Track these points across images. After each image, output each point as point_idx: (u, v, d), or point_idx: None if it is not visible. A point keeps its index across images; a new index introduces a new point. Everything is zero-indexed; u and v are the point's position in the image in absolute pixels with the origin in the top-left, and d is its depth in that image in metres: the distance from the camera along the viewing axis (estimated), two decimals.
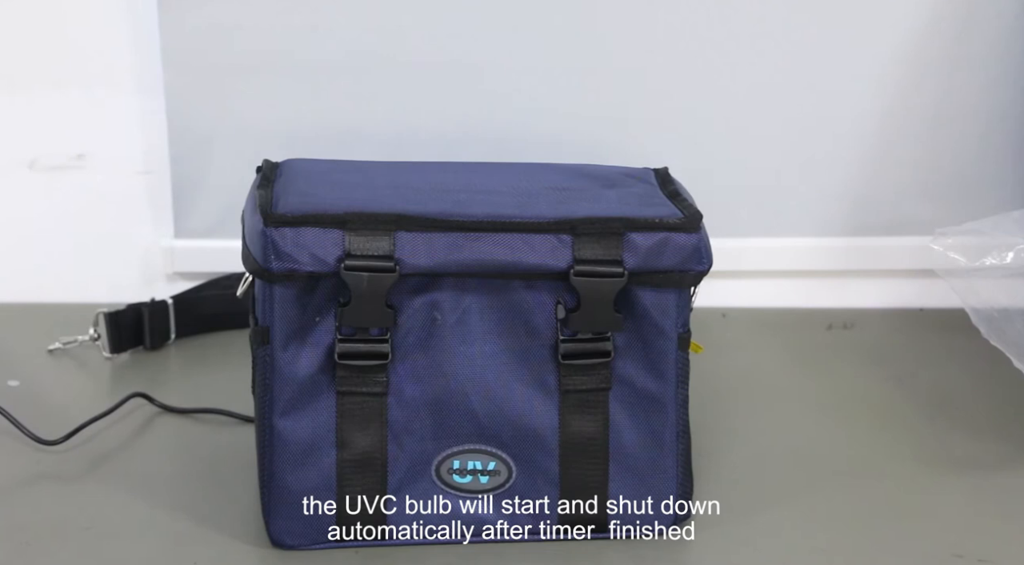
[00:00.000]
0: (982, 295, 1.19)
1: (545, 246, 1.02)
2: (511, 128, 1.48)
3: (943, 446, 1.25)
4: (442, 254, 1.02)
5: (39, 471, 1.18)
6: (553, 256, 1.02)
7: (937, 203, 1.51)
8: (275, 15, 1.46)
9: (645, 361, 1.05)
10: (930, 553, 1.08)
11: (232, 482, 1.15)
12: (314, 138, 1.45)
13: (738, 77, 1.48)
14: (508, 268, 1.03)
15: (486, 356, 1.04)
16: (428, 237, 1.02)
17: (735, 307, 1.51)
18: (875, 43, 1.48)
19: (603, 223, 1.03)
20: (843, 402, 1.34)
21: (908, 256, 1.53)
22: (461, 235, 1.02)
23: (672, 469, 1.08)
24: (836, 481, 1.19)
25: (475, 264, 1.02)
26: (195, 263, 1.52)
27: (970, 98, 1.50)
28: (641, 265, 1.03)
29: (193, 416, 1.27)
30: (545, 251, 1.02)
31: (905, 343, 1.47)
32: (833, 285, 1.55)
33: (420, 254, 1.02)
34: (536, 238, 1.02)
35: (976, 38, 1.47)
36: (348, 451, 1.05)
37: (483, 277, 1.03)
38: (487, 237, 1.02)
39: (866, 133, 1.51)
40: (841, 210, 1.54)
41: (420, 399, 1.05)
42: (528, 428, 1.05)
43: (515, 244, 1.02)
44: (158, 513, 1.11)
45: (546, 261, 1.02)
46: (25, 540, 1.07)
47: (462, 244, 1.02)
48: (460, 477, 1.06)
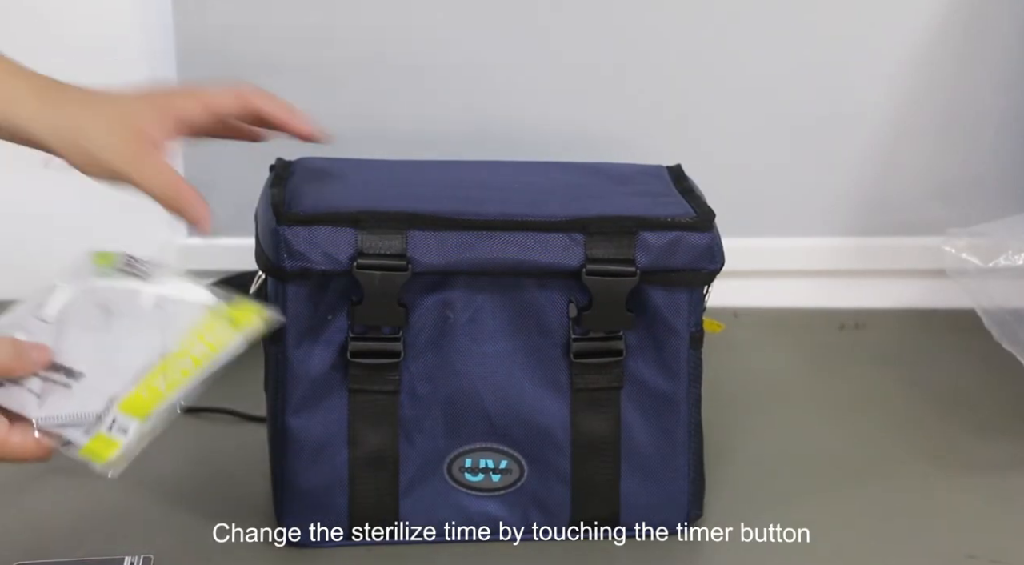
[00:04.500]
0: (995, 297, 1.19)
1: (557, 245, 1.03)
2: (523, 127, 1.48)
3: (956, 446, 1.25)
4: (454, 253, 1.02)
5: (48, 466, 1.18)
6: (565, 255, 1.03)
7: (950, 204, 1.51)
8: (288, 16, 1.46)
9: (657, 360, 1.06)
10: (943, 553, 1.08)
11: (242, 481, 1.15)
12: None
13: (750, 77, 1.48)
14: (520, 267, 1.03)
15: (498, 354, 1.04)
16: (440, 236, 1.02)
17: (747, 307, 1.51)
18: (888, 43, 1.48)
19: (616, 222, 1.03)
20: (855, 402, 1.34)
21: (920, 257, 1.52)
22: (473, 234, 1.02)
23: (684, 468, 1.08)
24: (848, 481, 1.19)
25: (487, 263, 1.02)
26: (208, 261, 1.52)
27: (983, 99, 1.50)
28: (653, 264, 1.03)
29: (201, 415, 1.27)
30: (557, 250, 1.02)
31: (917, 344, 1.47)
32: (845, 285, 1.55)
33: (432, 252, 1.02)
34: (548, 237, 1.03)
35: (989, 39, 1.47)
36: (360, 449, 1.05)
37: (495, 276, 1.03)
38: (499, 236, 1.02)
39: (879, 133, 1.51)
40: (853, 210, 1.53)
41: (432, 397, 1.05)
42: (540, 427, 1.06)
43: (527, 243, 1.02)
44: (170, 511, 1.12)
45: (558, 260, 1.02)
46: (34, 536, 1.08)
47: (474, 243, 1.02)
48: (472, 475, 1.07)
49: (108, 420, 0.88)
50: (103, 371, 0.89)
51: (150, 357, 0.90)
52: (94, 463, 0.88)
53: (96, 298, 0.92)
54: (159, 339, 0.91)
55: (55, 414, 0.88)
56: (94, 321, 0.91)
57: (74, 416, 0.88)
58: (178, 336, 0.91)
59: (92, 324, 0.91)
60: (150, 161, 0.94)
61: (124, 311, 0.92)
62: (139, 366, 0.90)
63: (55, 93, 0.95)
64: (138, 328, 0.91)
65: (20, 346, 0.88)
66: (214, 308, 0.93)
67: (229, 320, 0.93)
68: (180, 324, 0.92)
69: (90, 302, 0.92)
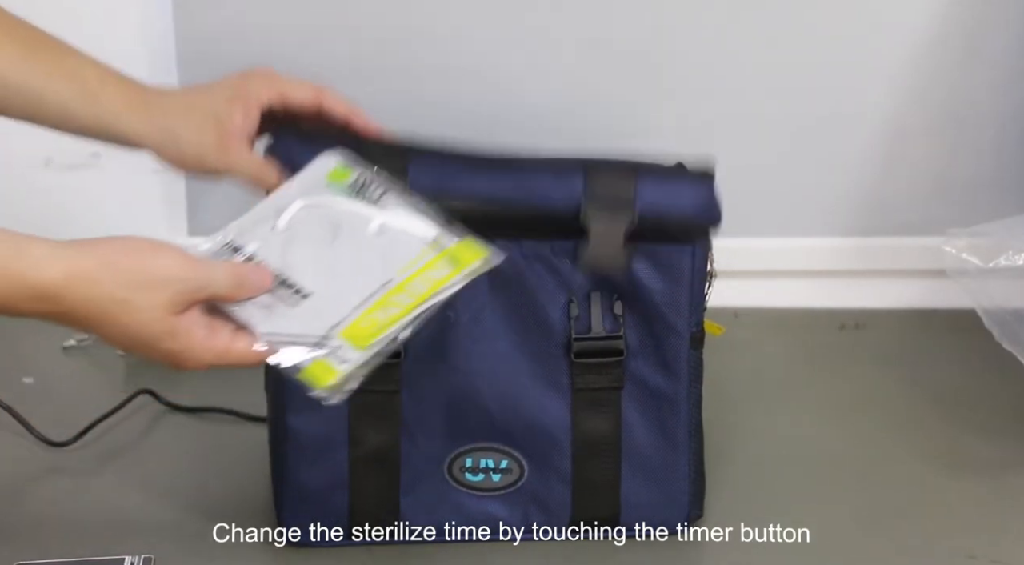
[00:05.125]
0: (995, 297, 1.19)
1: (556, 182, 1.02)
2: (522, 129, 1.47)
3: (956, 447, 1.25)
4: (449, 180, 1.01)
5: (49, 466, 1.19)
6: (564, 192, 1.02)
7: (950, 204, 1.51)
8: (289, 17, 1.46)
9: (658, 360, 1.06)
10: (943, 554, 1.08)
11: (242, 481, 1.15)
12: None
13: (750, 77, 1.48)
14: (516, 203, 1.02)
15: (499, 354, 1.04)
16: (438, 163, 1.02)
17: (747, 307, 1.51)
18: (888, 43, 1.48)
19: (616, 164, 1.03)
20: (855, 402, 1.34)
21: (921, 257, 1.52)
22: (471, 166, 1.02)
23: (684, 468, 1.08)
24: (848, 481, 1.19)
25: (482, 196, 1.02)
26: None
27: (984, 99, 1.49)
28: (651, 209, 1.02)
29: (201, 415, 1.27)
30: (555, 187, 1.02)
31: (917, 344, 1.47)
32: (845, 285, 1.55)
33: (426, 176, 1.01)
34: (547, 175, 1.02)
35: (989, 39, 1.47)
36: (361, 449, 1.05)
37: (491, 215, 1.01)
38: (498, 171, 1.02)
39: (879, 133, 1.51)
40: (854, 210, 1.53)
41: (433, 397, 1.05)
42: (541, 426, 1.06)
43: (525, 180, 1.02)
44: (170, 511, 1.12)
45: (556, 196, 1.02)
46: (34, 536, 1.08)
47: (471, 175, 1.02)
48: (473, 475, 1.07)
49: (330, 346, 0.90)
50: (328, 294, 0.91)
51: (372, 286, 0.92)
52: (311, 387, 0.90)
53: (325, 215, 0.94)
54: (381, 268, 0.93)
55: (279, 331, 0.90)
56: (321, 239, 0.93)
57: (297, 336, 0.90)
58: (400, 268, 0.93)
59: (319, 242, 0.93)
60: (237, 154, 1.02)
61: (350, 233, 0.94)
62: (362, 294, 0.92)
63: (148, 99, 1.03)
64: (361, 253, 0.93)
65: (241, 274, 0.90)
66: (437, 243, 0.94)
67: (451, 257, 0.94)
68: (402, 256, 0.93)
69: (319, 218, 0.94)
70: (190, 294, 0.86)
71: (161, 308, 0.85)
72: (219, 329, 0.88)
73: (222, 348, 0.88)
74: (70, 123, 1.02)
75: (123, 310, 0.84)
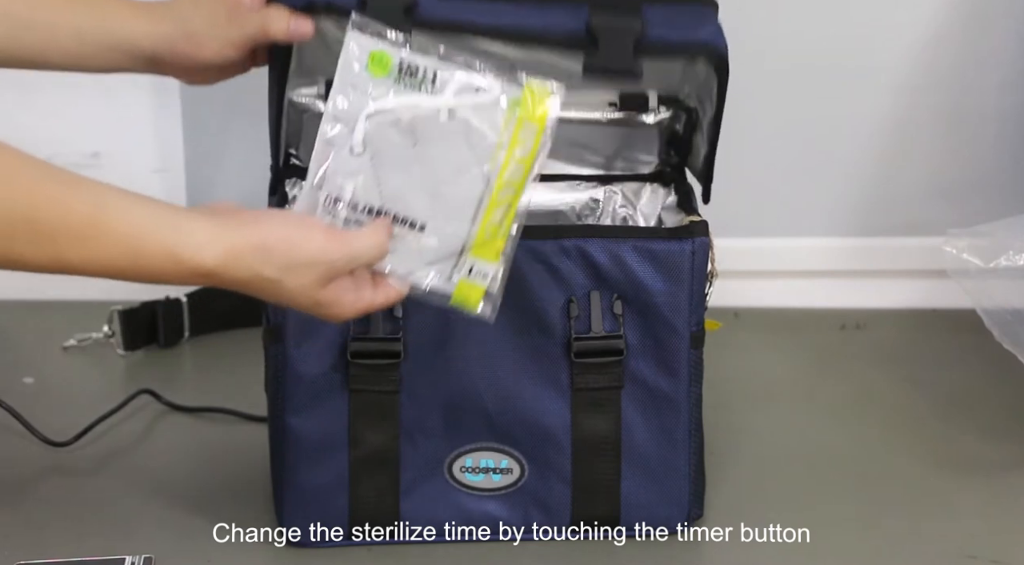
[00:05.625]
0: (995, 297, 1.19)
1: (562, 13, 1.02)
2: None
3: (956, 447, 1.25)
4: (459, 10, 1.01)
5: (49, 466, 1.19)
6: (569, 20, 1.02)
7: (951, 204, 1.51)
8: None
9: (658, 360, 1.06)
10: (943, 554, 1.08)
11: (242, 481, 1.15)
12: None
13: (750, 77, 1.48)
14: (524, 32, 1.02)
15: (499, 354, 1.04)
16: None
17: (747, 307, 1.51)
18: (888, 44, 1.48)
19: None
20: (855, 402, 1.34)
21: (921, 257, 1.52)
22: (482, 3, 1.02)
23: (684, 468, 1.08)
24: (848, 481, 1.19)
25: (490, 28, 1.01)
26: None
27: (984, 99, 1.50)
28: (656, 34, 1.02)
29: (201, 415, 1.27)
30: (562, 16, 1.02)
31: (918, 344, 1.47)
32: (846, 285, 1.55)
33: (438, 7, 1.01)
34: (553, 8, 1.03)
35: (989, 39, 1.47)
36: (361, 449, 1.05)
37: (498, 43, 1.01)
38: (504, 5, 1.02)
39: (880, 133, 1.51)
40: (854, 210, 1.53)
41: (433, 397, 1.05)
42: (541, 426, 1.06)
43: (531, 13, 1.02)
44: (170, 511, 1.12)
45: (563, 21, 1.02)
46: (34, 536, 1.08)
47: (480, 8, 1.02)
48: (473, 475, 1.07)
49: (465, 268, 0.93)
50: (441, 216, 0.93)
51: (475, 189, 0.93)
52: (468, 311, 0.94)
53: (393, 123, 0.93)
54: (474, 163, 0.92)
55: (413, 269, 0.94)
56: (402, 150, 0.93)
57: (430, 268, 0.93)
58: (490, 155, 0.92)
59: (402, 156, 0.93)
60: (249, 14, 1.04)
61: (425, 131, 0.93)
62: (470, 203, 0.93)
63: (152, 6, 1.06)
64: (447, 151, 0.93)
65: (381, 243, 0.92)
66: (510, 105, 0.92)
67: (527, 116, 0.92)
68: (485, 140, 0.92)
69: (389, 129, 0.93)
70: (337, 272, 0.91)
71: (310, 286, 0.90)
72: (363, 286, 0.93)
73: (367, 303, 0.93)
74: (84, 48, 1.05)
75: (276, 288, 0.90)
